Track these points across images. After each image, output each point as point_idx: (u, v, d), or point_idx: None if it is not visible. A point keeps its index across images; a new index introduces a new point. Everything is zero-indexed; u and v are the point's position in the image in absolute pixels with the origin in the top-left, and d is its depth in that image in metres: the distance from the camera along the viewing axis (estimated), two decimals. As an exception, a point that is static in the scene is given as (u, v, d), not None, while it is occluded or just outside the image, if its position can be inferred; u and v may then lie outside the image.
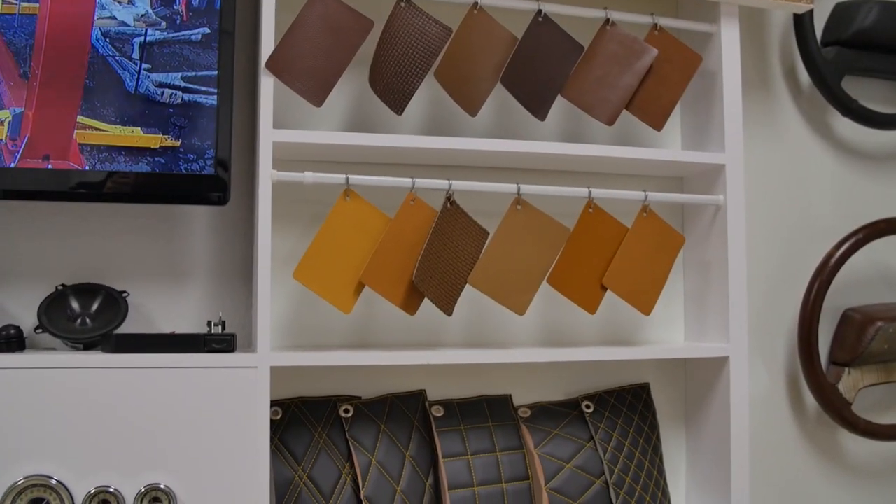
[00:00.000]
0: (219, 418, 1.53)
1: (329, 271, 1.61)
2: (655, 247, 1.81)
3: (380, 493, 1.68)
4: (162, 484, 1.51)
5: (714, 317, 1.87)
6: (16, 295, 1.69)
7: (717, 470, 1.86)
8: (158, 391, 1.51)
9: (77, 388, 1.48)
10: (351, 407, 1.74)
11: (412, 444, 1.75)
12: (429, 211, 1.67)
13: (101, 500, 1.49)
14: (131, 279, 1.74)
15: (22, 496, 1.47)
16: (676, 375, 2.00)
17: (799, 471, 2.09)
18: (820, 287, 1.98)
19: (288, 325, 1.79)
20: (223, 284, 1.77)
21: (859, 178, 2.17)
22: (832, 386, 2.00)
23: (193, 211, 1.77)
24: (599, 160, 1.81)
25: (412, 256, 1.65)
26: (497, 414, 1.82)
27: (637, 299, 1.78)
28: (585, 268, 1.76)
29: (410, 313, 1.66)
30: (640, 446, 1.86)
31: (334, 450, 1.71)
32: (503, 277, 1.69)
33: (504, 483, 1.75)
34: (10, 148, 1.55)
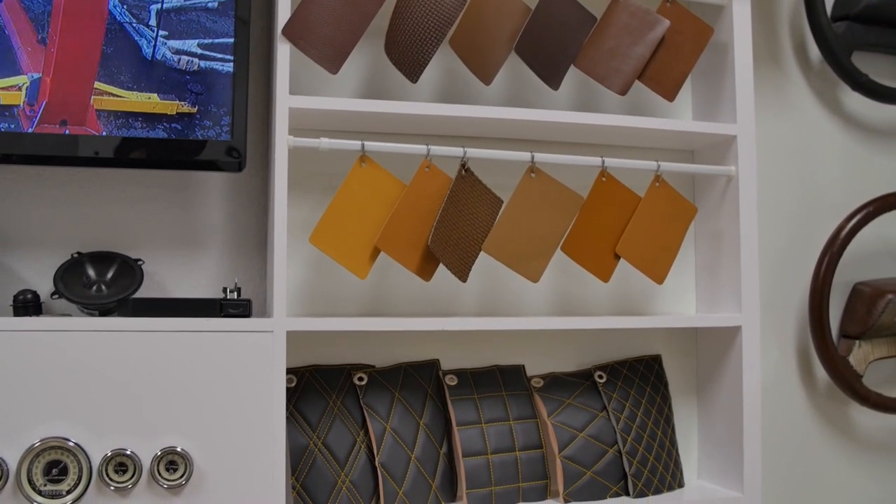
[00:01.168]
0: (235, 383, 1.54)
1: (345, 237, 1.61)
2: (668, 216, 1.81)
3: (394, 460, 1.68)
4: (178, 447, 1.51)
5: (726, 287, 1.88)
6: (31, 262, 1.69)
7: (728, 440, 1.86)
8: (175, 355, 1.52)
9: (94, 352, 1.49)
10: (365, 375, 1.74)
11: (426, 412, 1.75)
12: (444, 178, 1.68)
13: (117, 462, 1.50)
14: (146, 248, 1.74)
15: (39, 458, 1.47)
16: (688, 347, 2.00)
17: (809, 444, 2.10)
18: (831, 260, 1.99)
19: (302, 294, 1.80)
20: (238, 254, 1.78)
21: (869, 153, 2.18)
22: (843, 359, 2.01)
23: (208, 180, 1.78)
24: (612, 131, 1.82)
25: (427, 223, 1.65)
26: (510, 383, 1.82)
27: (650, 268, 1.79)
28: (599, 236, 1.76)
29: (425, 279, 1.66)
30: (653, 416, 1.86)
31: (349, 417, 1.71)
32: (517, 245, 1.70)
33: (518, 451, 1.76)
34: (27, 113, 1.56)
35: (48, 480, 1.47)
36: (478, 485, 1.71)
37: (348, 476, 1.67)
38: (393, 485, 1.67)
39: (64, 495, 1.47)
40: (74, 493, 1.48)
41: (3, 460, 1.44)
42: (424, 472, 1.71)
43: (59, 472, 1.48)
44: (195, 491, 1.52)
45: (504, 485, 1.73)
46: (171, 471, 1.52)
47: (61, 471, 1.48)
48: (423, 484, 1.70)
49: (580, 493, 1.75)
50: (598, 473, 1.77)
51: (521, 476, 1.74)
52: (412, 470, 1.70)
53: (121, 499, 1.49)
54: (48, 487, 1.47)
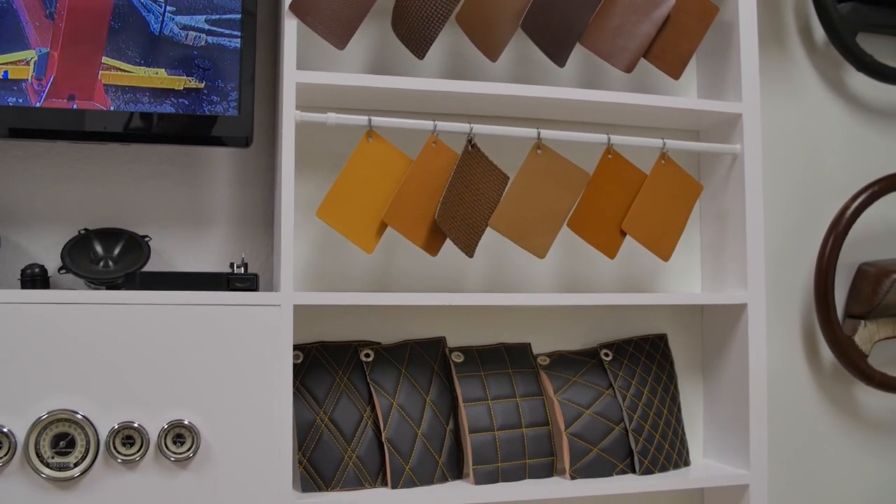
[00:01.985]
0: (242, 357, 1.54)
1: (352, 211, 1.62)
2: (674, 194, 1.82)
3: (401, 436, 1.69)
4: (185, 420, 1.51)
5: (731, 266, 1.88)
6: (39, 238, 1.69)
7: (734, 419, 1.86)
8: (183, 328, 1.52)
9: (102, 325, 1.49)
10: (372, 352, 1.74)
11: (432, 389, 1.75)
12: (450, 154, 1.68)
13: (125, 435, 1.50)
14: (153, 224, 1.75)
15: (47, 431, 1.47)
16: (693, 326, 2.00)
17: (815, 424, 2.10)
18: (836, 239, 1.99)
19: (309, 272, 1.80)
20: (244, 231, 1.78)
21: (873, 134, 2.19)
22: (848, 338, 2.01)
23: (215, 157, 1.78)
24: (617, 109, 1.82)
25: (434, 198, 1.66)
26: (516, 361, 1.82)
27: (656, 245, 1.79)
28: (605, 213, 1.77)
29: (432, 254, 1.67)
30: (659, 395, 1.86)
31: (355, 393, 1.71)
32: (523, 221, 1.70)
33: (524, 428, 1.76)
34: (35, 88, 1.57)
35: (56, 453, 1.47)
36: (484, 461, 1.71)
37: (355, 451, 1.68)
38: (399, 460, 1.67)
39: (71, 467, 1.48)
40: (82, 465, 1.48)
41: (12, 433, 1.45)
42: (431, 448, 1.71)
43: (67, 445, 1.48)
44: (202, 464, 1.52)
45: (511, 461, 1.73)
46: (178, 444, 1.52)
47: (69, 443, 1.48)
48: (429, 460, 1.70)
49: (586, 469, 1.76)
50: (605, 450, 1.78)
51: (527, 453, 1.74)
52: (419, 446, 1.70)
53: (128, 472, 1.50)
54: (56, 460, 1.47)
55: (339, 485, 1.66)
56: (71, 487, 1.48)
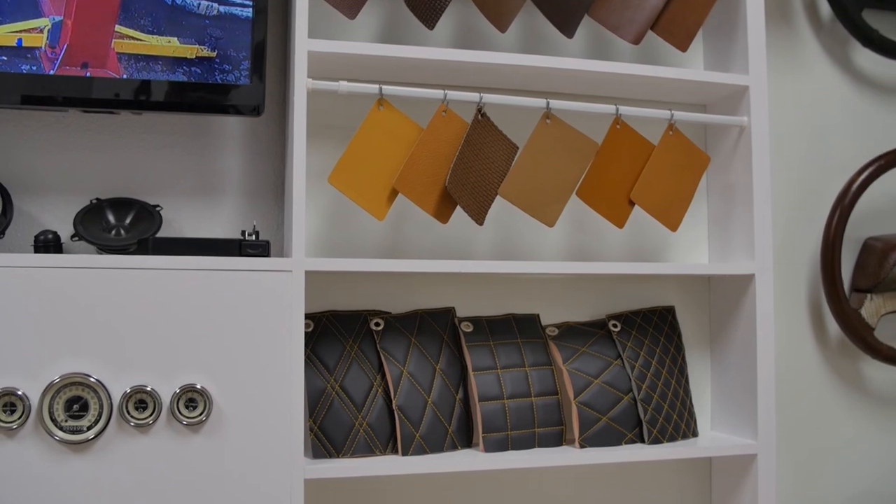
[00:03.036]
0: (254, 323, 1.55)
1: (362, 178, 1.63)
2: (681, 165, 1.83)
3: (411, 403, 1.69)
4: (198, 384, 1.52)
5: (739, 238, 1.89)
6: (51, 208, 1.71)
7: (742, 390, 1.87)
8: (195, 294, 1.53)
9: (115, 289, 1.50)
10: (382, 321, 1.75)
11: (442, 358, 1.76)
12: (460, 123, 1.69)
13: (137, 399, 1.51)
14: (164, 194, 1.76)
15: (60, 394, 1.48)
16: (701, 298, 2.01)
17: (821, 398, 2.10)
18: (842, 213, 2.00)
19: (319, 242, 1.81)
20: (254, 201, 1.79)
21: (879, 110, 2.20)
22: (855, 311, 2.02)
23: (225, 128, 1.79)
24: (625, 81, 1.83)
25: (444, 166, 1.67)
26: (525, 331, 1.83)
27: (664, 215, 1.80)
28: (613, 183, 1.78)
29: (442, 222, 1.68)
30: (667, 366, 1.87)
31: (366, 361, 1.72)
32: (533, 189, 1.71)
33: (533, 397, 1.76)
34: (49, 55, 1.58)
35: (69, 416, 1.48)
36: (494, 429, 1.72)
37: (365, 419, 1.68)
38: (410, 427, 1.68)
39: (85, 431, 1.49)
40: (95, 428, 1.49)
41: (26, 395, 1.46)
42: (441, 416, 1.72)
43: (80, 409, 1.49)
44: (214, 428, 1.53)
45: (520, 429, 1.74)
46: (190, 408, 1.53)
47: (82, 407, 1.49)
48: (439, 427, 1.71)
49: (595, 438, 1.76)
50: (614, 420, 1.78)
51: (536, 421, 1.75)
52: (429, 413, 1.71)
53: (141, 435, 1.50)
54: (69, 423, 1.48)
55: (349, 451, 1.66)
56: (84, 451, 1.48)
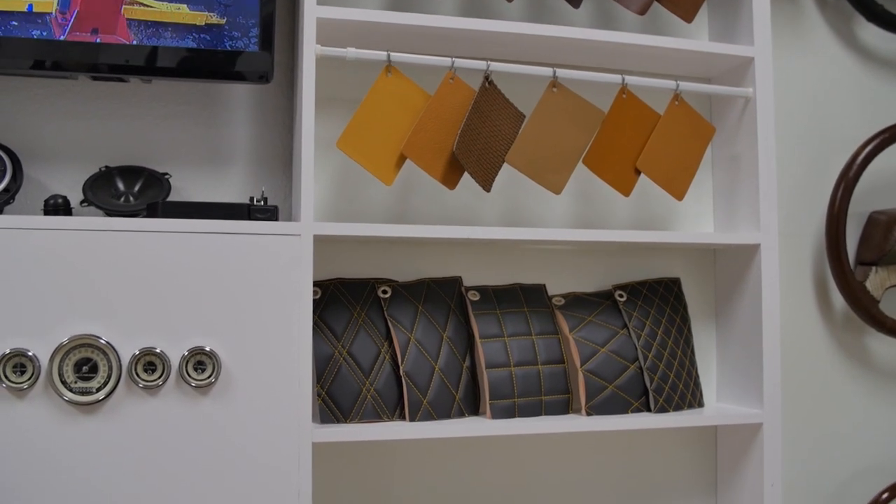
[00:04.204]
0: (263, 287, 1.55)
1: (371, 143, 1.64)
2: (687, 135, 1.84)
3: (418, 369, 1.70)
4: (207, 347, 1.53)
5: (744, 210, 1.90)
6: (60, 175, 1.71)
7: (747, 361, 1.88)
8: (204, 257, 1.53)
9: (125, 252, 1.51)
10: (389, 288, 1.76)
11: (449, 326, 1.77)
12: (467, 90, 1.70)
13: (146, 361, 1.52)
14: (172, 163, 1.76)
15: (70, 356, 1.49)
16: (706, 271, 2.02)
17: (826, 372, 2.11)
18: (847, 185, 2.01)
19: (326, 210, 1.82)
20: (262, 170, 1.80)
21: (883, 83, 2.20)
22: (860, 284, 2.02)
23: (234, 97, 1.80)
24: (631, 52, 1.84)
25: (451, 133, 1.68)
26: (532, 301, 1.84)
27: (669, 184, 1.81)
28: (619, 151, 1.79)
29: (450, 188, 1.68)
30: (673, 336, 1.88)
31: (373, 328, 1.73)
32: (540, 157, 1.72)
33: (540, 365, 1.77)
34: (59, 21, 1.59)
35: (79, 377, 1.49)
36: (501, 396, 1.72)
37: (373, 385, 1.69)
38: (417, 393, 1.69)
39: (94, 392, 1.49)
40: (104, 389, 1.49)
41: (36, 357, 1.46)
42: (448, 383, 1.72)
43: (90, 370, 1.50)
44: (223, 391, 1.53)
45: (527, 397, 1.74)
46: (199, 371, 1.53)
47: (91, 368, 1.50)
48: (446, 394, 1.72)
49: (602, 406, 1.77)
50: (620, 388, 1.79)
51: (543, 389, 1.76)
52: (436, 380, 1.71)
53: (150, 397, 1.51)
54: (79, 384, 1.49)
55: (357, 417, 1.67)
56: (93, 412, 1.49)
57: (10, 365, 1.46)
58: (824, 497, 2.10)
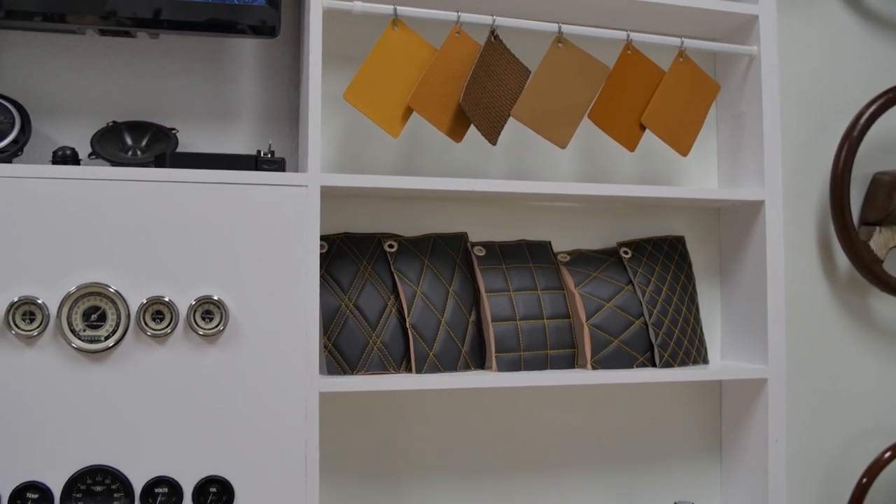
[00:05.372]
0: (270, 237, 1.56)
1: (378, 95, 1.64)
2: (692, 91, 1.84)
3: (425, 323, 1.71)
4: (215, 296, 1.54)
5: (748, 167, 1.90)
6: (68, 131, 1.72)
7: (752, 317, 1.88)
8: (212, 207, 1.54)
9: (133, 202, 1.51)
10: (395, 242, 1.77)
11: (455, 280, 1.78)
12: (473, 45, 1.71)
13: (154, 310, 1.52)
14: (179, 119, 1.77)
15: (78, 304, 1.50)
16: (710, 230, 2.03)
17: (830, 333, 2.12)
18: (851, 144, 2.02)
19: (332, 164, 1.82)
20: (268, 126, 1.81)
21: (887, 45, 2.21)
22: (864, 243, 2.03)
23: (241, 54, 1.81)
24: (635, 10, 1.85)
25: (458, 86, 1.68)
26: (537, 257, 1.85)
27: (674, 140, 1.82)
28: (624, 107, 1.79)
29: (456, 140, 1.69)
30: (678, 293, 1.89)
31: (379, 282, 1.74)
32: (545, 111, 1.73)
33: (546, 319, 1.78)
34: (67, -27, 1.59)
35: (87, 326, 1.50)
36: (507, 349, 1.73)
37: (380, 337, 1.70)
38: (424, 346, 1.70)
39: (103, 340, 1.50)
40: (113, 337, 1.50)
41: (45, 304, 1.47)
42: (454, 337, 1.73)
43: (98, 318, 1.51)
44: (231, 340, 1.54)
45: (533, 350, 1.75)
46: (206, 320, 1.54)
47: (100, 317, 1.51)
48: (452, 347, 1.72)
49: (607, 360, 1.78)
50: (625, 343, 1.80)
51: (548, 343, 1.77)
52: (442, 333, 1.72)
53: (158, 346, 1.52)
54: (87, 332, 1.50)
55: (363, 369, 1.68)
56: (102, 360, 1.50)
57: (20, 312, 1.47)
58: (826, 456, 2.11)
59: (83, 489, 1.49)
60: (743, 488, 1.91)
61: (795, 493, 2.06)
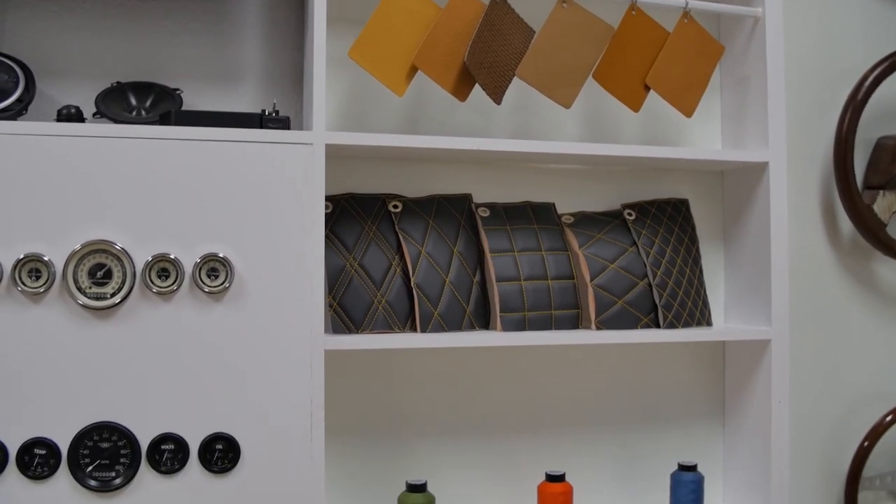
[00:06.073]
0: (276, 196, 1.56)
1: (383, 53, 1.64)
2: (696, 52, 1.84)
3: (429, 282, 1.71)
4: (220, 254, 1.54)
5: (752, 129, 1.90)
6: (72, 91, 1.72)
7: (755, 280, 1.89)
8: (217, 165, 1.54)
9: (138, 159, 1.51)
10: (400, 203, 1.77)
11: (459, 241, 1.78)
12: (478, 4, 1.71)
13: (160, 267, 1.53)
14: (184, 80, 1.77)
15: (84, 261, 1.50)
16: (714, 194, 2.03)
17: (833, 297, 2.13)
18: (855, 108, 2.02)
19: (337, 126, 1.82)
20: (273, 87, 1.81)
21: (892, 9, 2.20)
22: (868, 207, 2.03)
23: (245, 15, 1.80)
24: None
25: (462, 45, 1.68)
26: (541, 218, 1.85)
27: (679, 101, 1.82)
28: (629, 67, 1.79)
29: (461, 99, 1.69)
30: (681, 255, 1.89)
31: (384, 242, 1.74)
32: (550, 71, 1.73)
33: (550, 280, 1.78)
34: (71, -69, 1.59)
35: (93, 283, 1.50)
36: (511, 309, 1.73)
37: (384, 297, 1.70)
38: (428, 305, 1.70)
39: (108, 297, 1.50)
40: (119, 294, 1.51)
41: (51, 262, 1.47)
42: (459, 297, 1.74)
43: (104, 276, 1.51)
44: (236, 298, 1.55)
45: (537, 311, 1.75)
46: (212, 277, 1.54)
47: (106, 274, 1.51)
48: (457, 307, 1.73)
49: (612, 321, 1.78)
50: (629, 304, 1.80)
51: (553, 304, 1.77)
52: (447, 293, 1.72)
53: (163, 303, 1.52)
54: (93, 290, 1.50)
55: (368, 327, 1.68)
56: (108, 316, 1.50)
57: (26, 270, 1.48)
58: (828, 419, 2.13)
59: (90, 445, 1.50)
60: (746, 449, 1.92)
61: (797, 455, 2.07)
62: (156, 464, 1.51)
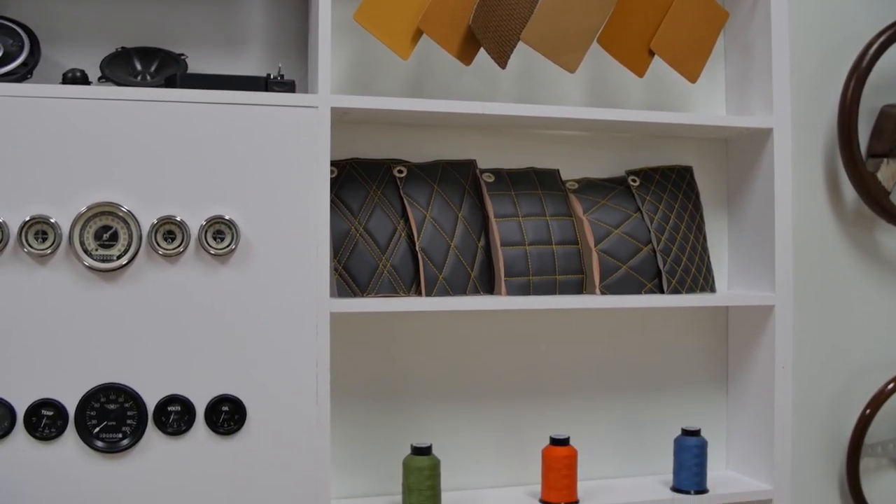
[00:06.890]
0: (281, 159, 1.57)
1: (388, 17, 1.65)
2: (701, 18, 1.84)
3: (434, 247, 1.72)
4: (226, 216, 1.54)
5: (757, 97, 1.90)
6: (77, 57, 1.71)
7: (759, 247, 1.90)
8: (223, 128, 1.54)
9: (143, 122, 1.52)
10: (405, 168, 1.77)
11: (464, 206, 1.78)
12: (483, -32, 1.71)
13: (166, 230, 1.53)
14: (188, 45, 1.77)
15: (91, 223, 1.50)
16: (718, 161, 2.03)
17: (836, 265, 2.13)
18: (859, 76, 2.01)
19: (342, 89, 1.82)
20: (278, 53, 1.80)
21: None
22: (871, 174, 2.04)
23: (249, -19, 1.81)
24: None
25: (467, 10, 1.68)
26: (546, 184, 1.85)
27: (683, 66, 1.82)
28: (633, 33, 1.79)
29: (466, 63, 1.69)
30: (685, 221, 1.89)
31: (389, 206, 1.74)
32: (555, 36, 1.73)
33: (554, 245, 1.79)
34: None
35: (99, 245, 1.51)
36: (516, 273, 1.74)
37: (389, 260, 1.71)
38: (433, 269, 1.71)
39: (115, 259, 1.51)
40: (125, 256, 1.51)
41: (57, 224, 1.48)
42: (463, 261, 1.74)
43: (110, 238, 1.51)
44: (242, 260, 1.55)
45: (541, 275, 1.76)
46: (218, 240, 1.55)
47: (112, 236, 1.51)
48: (462, 272, 1.73)
49: (616, 286, 1.79)
50: (633, 269, 1.81)
51: (557, 269, 1.77)
52: (451, 257, 1.73)
53: (169, 265, 1.53)
54: (99, 252, 1.50)
55: (373, 291, 1.69)
56: (114, 278, 1.51)
57: (32, 231, 1.48)
58: (831, 387, 2.14)
59: (97, 407, 1.51)
60: (749, 415, 1.93)
61: (800, 422, 2.08)
62: (162, 425, 1.52)
